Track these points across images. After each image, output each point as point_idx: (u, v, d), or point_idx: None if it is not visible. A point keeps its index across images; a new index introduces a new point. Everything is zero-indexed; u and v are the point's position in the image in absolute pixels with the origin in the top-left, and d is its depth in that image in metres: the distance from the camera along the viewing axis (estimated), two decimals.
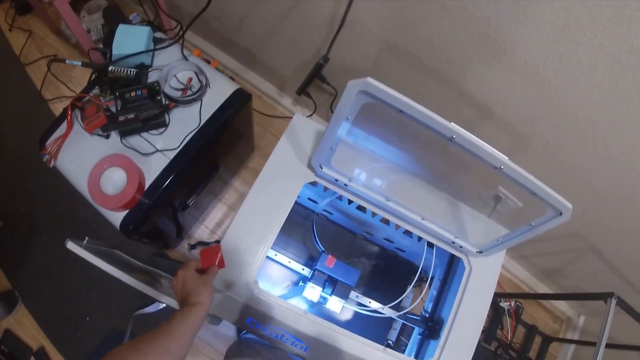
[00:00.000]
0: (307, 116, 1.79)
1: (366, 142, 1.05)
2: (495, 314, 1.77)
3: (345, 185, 0.94)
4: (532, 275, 1.91)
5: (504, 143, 1.28)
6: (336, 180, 0.94)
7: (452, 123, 0.74)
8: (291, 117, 1.83)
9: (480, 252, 1.03)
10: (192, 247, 1.62)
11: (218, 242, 1.66)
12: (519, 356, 1.74)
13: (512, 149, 1.29)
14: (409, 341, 1.26)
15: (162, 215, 1.25)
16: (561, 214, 0.81)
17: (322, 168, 0.92)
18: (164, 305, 1.52)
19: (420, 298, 1.16)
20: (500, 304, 1.78)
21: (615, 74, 0.92)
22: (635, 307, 1.27)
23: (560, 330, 1.95)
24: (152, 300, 1.43)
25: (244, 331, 1.48)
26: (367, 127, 0.97)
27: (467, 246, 1.02)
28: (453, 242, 1.02)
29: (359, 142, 1.03)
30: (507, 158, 0.77)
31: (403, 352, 1.24)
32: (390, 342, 1.29)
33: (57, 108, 1.85)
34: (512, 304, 1.82)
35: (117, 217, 1.11)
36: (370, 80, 0.69)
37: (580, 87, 1.00)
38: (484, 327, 1.10)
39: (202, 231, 1.70)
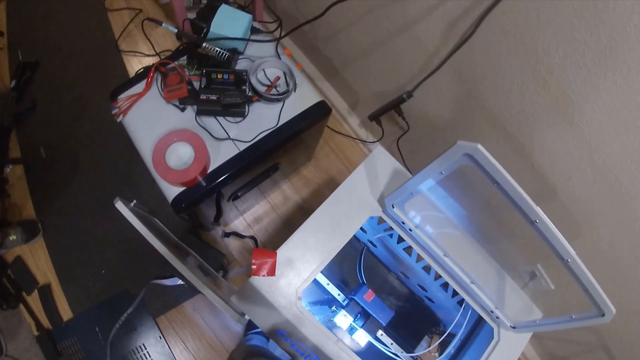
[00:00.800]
0: (370, 142, 1.81)
1: (438, 193, 1.07)
2: None
3: (410, 230, 0.96)
4: (538, 356, 1.91)
5: (558, 225, 1.28)
6: (402, 223, 0.95)
7: (538, 208, 0.77)
8: (354, 138, 1.87)
9: (514, 327, 1.04)
10: (226, 235, 1.64)
11: (253, 238, 1.69)
12: None
13: (564, 233, 1.29)
14: None
15: (210, 199, 1.27)
16: (603, 315, 0.83)
17: (393, 208, 0.93)
18: (181, 282, 1.55)
19: (439, 358, 1.16)
20: None
21: None
22: None
23: None
24: (172, 275, 1.45)
25: (250, 331, 1.49)
26: (448, 181, 0.99)
27: (504, 319, 1.03)
28: (491, 311, 1.03)
29: (432, 191, 1.04)
30: (575, 252, 0.79)
31: None
32: None
33: (129, 61, 1.88)
34: None
35: (171, 191, 1.13)
36: (480, 147, 0.70)
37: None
38: None
39: (240, 222, 1.72)
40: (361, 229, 1.20)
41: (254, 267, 0.92)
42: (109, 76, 1.84)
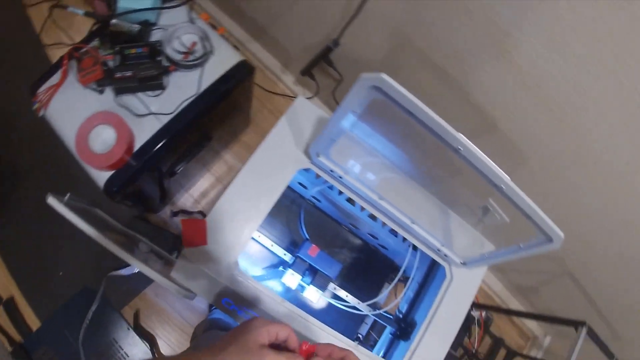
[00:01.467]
0: (308, 98, 1.73)
1: (366, 136, 1.02)
2: (465, 321, 1.75)
3: (340, 177, 0.91)
4: (505, 289, 1.91)
5: (502, 157, 1.25)
6: (331, 171, 0.90)
7: (460, 134, 0.71)
8: (291, 96, 1.79)
9: (464, 263, 1.01)
10: (174, 214, 1.57)
11: (201, 212, 1.63)
12: None
13: (509, 164, 1.26)
14: (379, 337, 1.25)
15: (147, 180, 1.20)
16: (552, 241, 0.78)
17: (318, 157, 0.88)
18: (138, 270, 1.49)
19: (397, 300, 1.14)
20: (471, 312, 1.76)
21: (628, 112, 0.90)
22: (602, 336, 1.28)
23: (525, 346, 1.95)
24: (128, 264, 1.40)
25: (214, 306, 1.45)
26: (370, 121, 0.94)
27: (452, 256, 1.00)
28: (438, 250, 1.00)
29: (360, 134, 0.99)
30: (509, 178, 0.74)
31: (372, 347, 1.23)
32: (360, 336, 1.28)
33: (55, 54, 1.76)
34: (483, 314, 1.81)
35: (102, 177, 1.07)
36: (384, 76, 0.64)
37: (590, 118, 0.97)
38: None
39: (186, 199, 1.65)
40: (302, 185, 1.15)
41: (184, 238, 0.87)
42: (36, 73, 1.72)
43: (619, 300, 1.45)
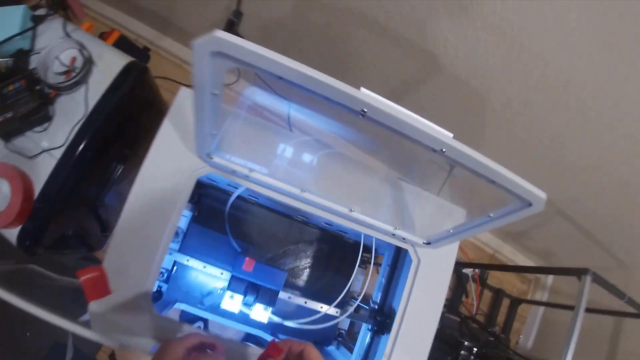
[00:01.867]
0: (232, 83, 1.51)
1: (282, 107, 0.82)
2: (459, 282, 1.57)
3: (247, 176, 0.71)
4: (495, 237, 1.72)
5: (455, 101, 1.05)
6: (234, 171, 0.71)
7: (361, 88, 0.49)
8: None
9: (429, 243, 0.82)
10: None
11: None
12: (484, 328, 1.56)
13: (465, 108, 1.06)
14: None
15: (69, 220, 1.03)
16: (531, 204, 0.57)
17: (212, 158, 0.69)
18: None
19: (362, 293, 0.96)
20: (463, 270, 1.58)
21: (592, 13, 0.69)
22: (606, 267, 1.10)
23: (528, 290, 1.78)
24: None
25: None
26: (281, 89, 0.74)
27: (412, 238, 0.80)
28: (393, 234, 0.80)
29: (270, 107, 0.79)
30: (452, 136, 0.50)
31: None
32: (343, 332, 1.11)
33: None
34: (476, 269, 1.63)
35: (11, 235, 0.89)
36: (220, 34, 0.43)
37: (549, 29, 0.77)
38: (448, 298, 0.91)
39: None
40: (232, 186, 0.95)
41: (86, 293, 0.70)
42: None
43: (619, 229, 1.27)
